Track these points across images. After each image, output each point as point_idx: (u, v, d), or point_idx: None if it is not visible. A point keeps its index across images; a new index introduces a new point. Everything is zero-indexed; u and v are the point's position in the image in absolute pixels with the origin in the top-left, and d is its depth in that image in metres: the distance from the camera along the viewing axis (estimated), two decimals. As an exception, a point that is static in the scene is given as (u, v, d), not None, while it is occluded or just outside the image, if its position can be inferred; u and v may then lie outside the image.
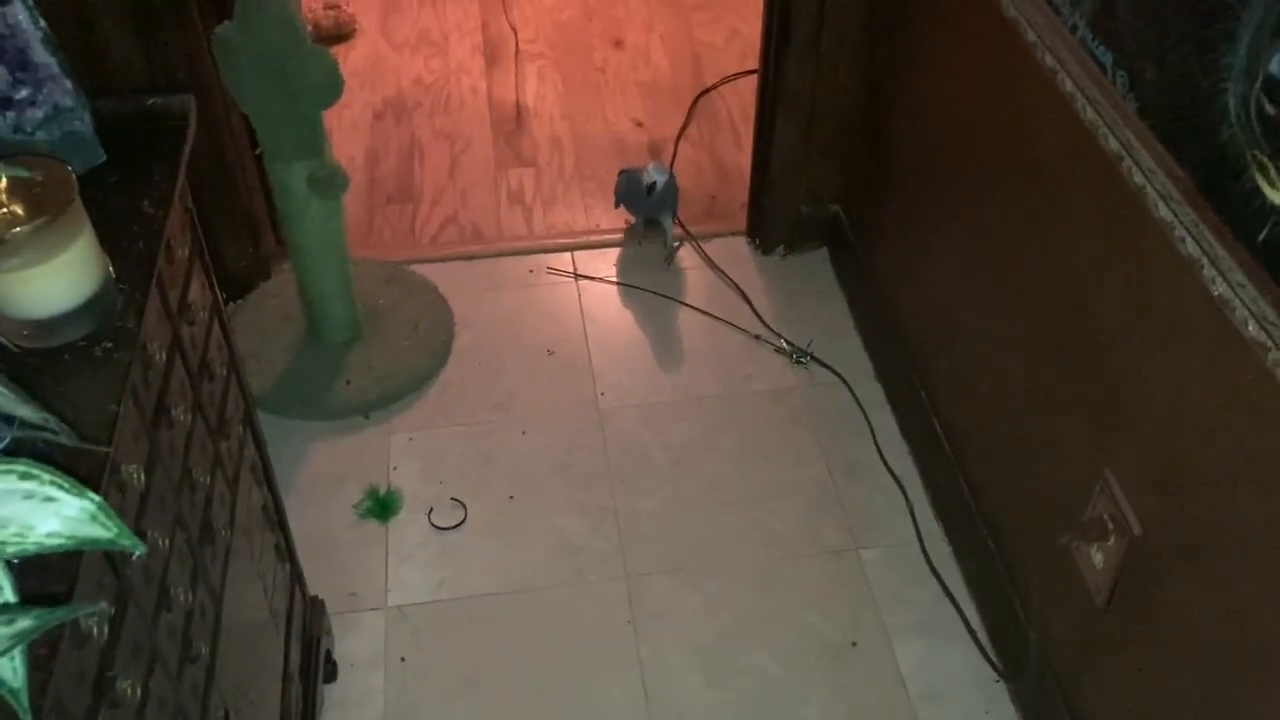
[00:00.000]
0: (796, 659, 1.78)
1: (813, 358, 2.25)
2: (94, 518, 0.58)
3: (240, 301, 2.31)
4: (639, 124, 2.87)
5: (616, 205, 2.53)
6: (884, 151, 2.16)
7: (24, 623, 0.55)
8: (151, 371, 1.05)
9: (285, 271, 2.32)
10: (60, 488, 0.58)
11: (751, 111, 2.42)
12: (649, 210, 2.44)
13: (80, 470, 0.64)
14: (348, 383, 2.17)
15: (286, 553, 1.56)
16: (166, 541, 1.04)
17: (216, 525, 1.21)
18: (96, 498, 0.59)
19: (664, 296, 2.39)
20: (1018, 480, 1.71)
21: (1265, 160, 1.02)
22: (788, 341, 2.28)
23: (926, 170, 1.97)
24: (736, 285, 2.41)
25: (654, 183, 2.35)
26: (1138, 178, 1.20)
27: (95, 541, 0.59)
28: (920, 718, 1.71)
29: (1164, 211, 1.17)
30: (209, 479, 1.20)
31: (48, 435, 0.71)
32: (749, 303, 2.37)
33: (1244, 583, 1.16)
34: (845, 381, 2.21)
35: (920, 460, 2.05)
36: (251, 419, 1.43)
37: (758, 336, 2.30)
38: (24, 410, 0.70)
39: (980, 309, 1.78)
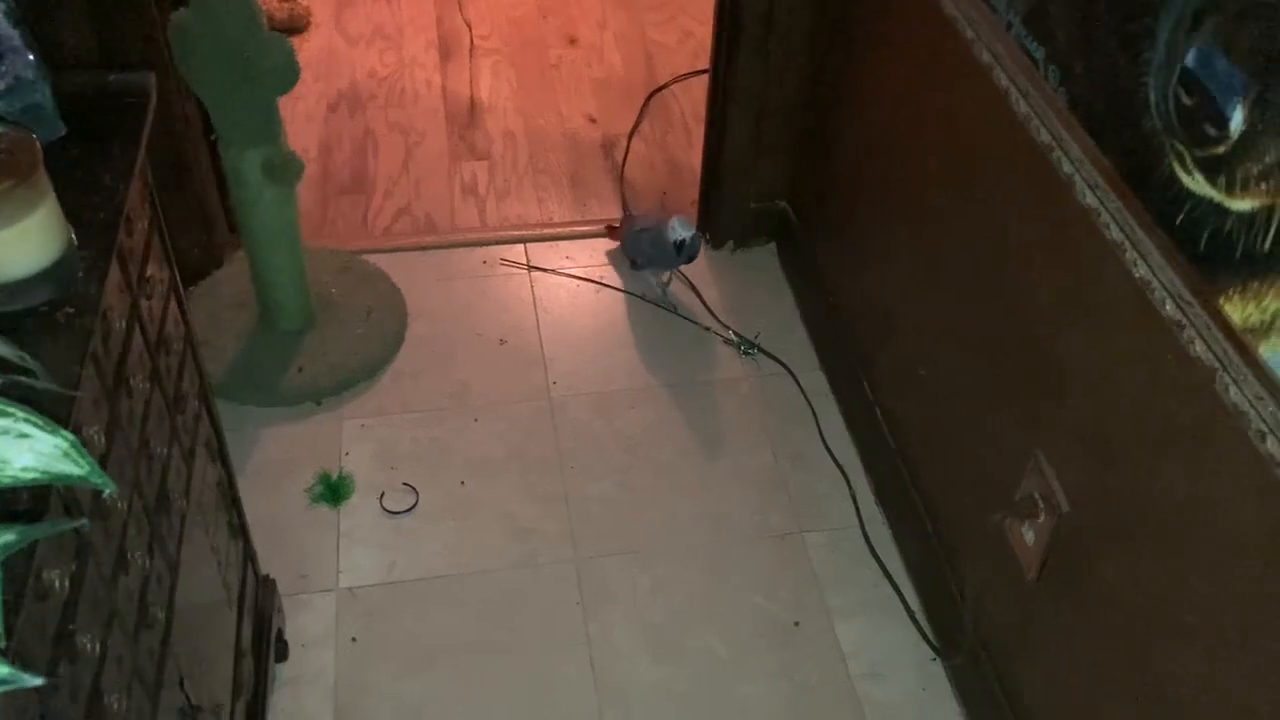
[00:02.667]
0: (741, 639, 1.83)
1: (760, 349, 2.30)
2: (66, 454, 0.61)
3: (193, 289, 2.31)
4: (592, 120, 2.91)
5: (636, 268, 2.41)
6: (830, 148, 2.22)
7: (7, 536, 0.57)
8: (111, 340, 1.07)
9: (238, 259, 2.33)
10: (34, 425, 0.61)
11: (703, 110, 2.46)
12: (669, 265, 2.35)
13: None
14: (300, 369, 2.18)
15: (239, 530, 1.58)
16: (124, 505, 1.05)
17: (173, 496, 1.23)
18: (70, 435, 0.62)
19: (616, 289, 2.43)
20: (954, 464, 1.77)
21: (1182, 149, 1.08)
22: (736, 333, 2.33)
23: (870, 166, 2.03)
24: (687, 278, 2.45)
25: (683, 239, 2.25)
26: (1067, 167, 1.27)
27: (68, 477, 0.61)
28: (860, 695, 1.76)
29: (1090, 199, 1.23)
30: (166, 450, 1.22)
31: (21, 376, 0.73)
32: (699, 295, 2.42)
33: (1166, 554, 1.22)
34: (791, 372, 2.27)
35: (862, 447, 2.10)
36: (207, 396, 1.45)
37: (707, 328, 2.35)
38: (1, 349, 0.72)
39: (919, 300, 1.84)
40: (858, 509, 2.02)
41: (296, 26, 3.13)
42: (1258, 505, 1.05)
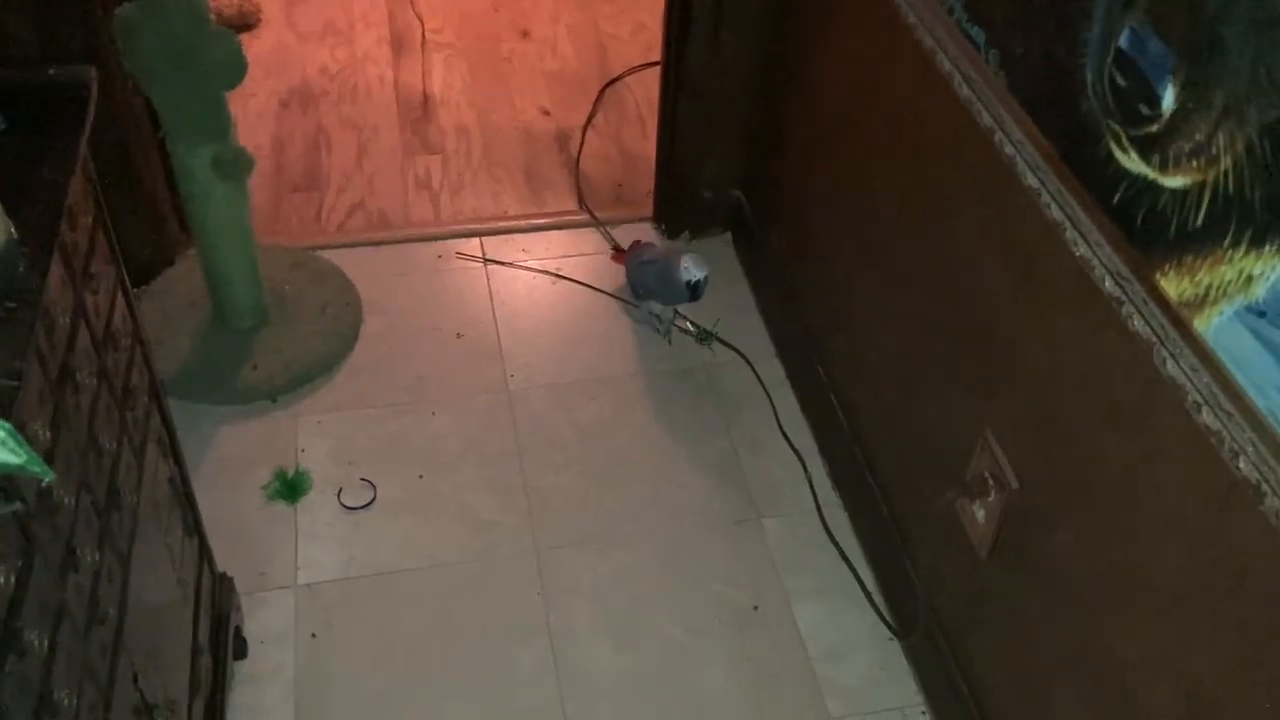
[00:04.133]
0: (702, 624, 1.84)
1: (717, 338, 2.31)
2: (3, 443, 0.61)
3: (144, 288, 2.29)
4: (546, 113, 2.91)
5: (639, 298, 2.32)
6: (781, 137, 2.23)
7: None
8: (55, 335, 1.06)
9: (190, 257, 2.31)
10: (-30, 414, 0.60)
11: (657, 102, 2.47)
12: (675, 301, 2.26)
13: (-12, 409, 0.66)
14: (255, 367, 2.17)
15: (194, 527, 1.57)
16: (72, 501, 1.05)
17: (123, 492, 1.22)
18: (6, 424, 0.61)
19: (573, 281, 2.43)
20: (907, 446, 1.79)
21: (1118, 128, 1.10)
22: (693, 323, 2.34)
23: (820, 153, 2.05)
24: (643, 269, 2.46)
25: (697, 280, 2.16)
26: (1009, 149, 1.29)
27: (5, 466, 0.61)
28: (819, 676, 1.78)
29: (1031, 180, 1.25)
30: (115, 445, 1.21)
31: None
32: (655, 286, 2.43)
33: (1110, 526, 1.25)
34: (748, 360, 2.28)
35: (818, 433, 2.12)
36: (157, 392, 1.44)
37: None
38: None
39: (870, 286, 1.86)
40: (814, 494, 2.04)
41: (247, 23, 3.10)
42: (1195, 475, 1.07)
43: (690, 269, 2.17)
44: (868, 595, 1.88)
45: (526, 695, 1.74)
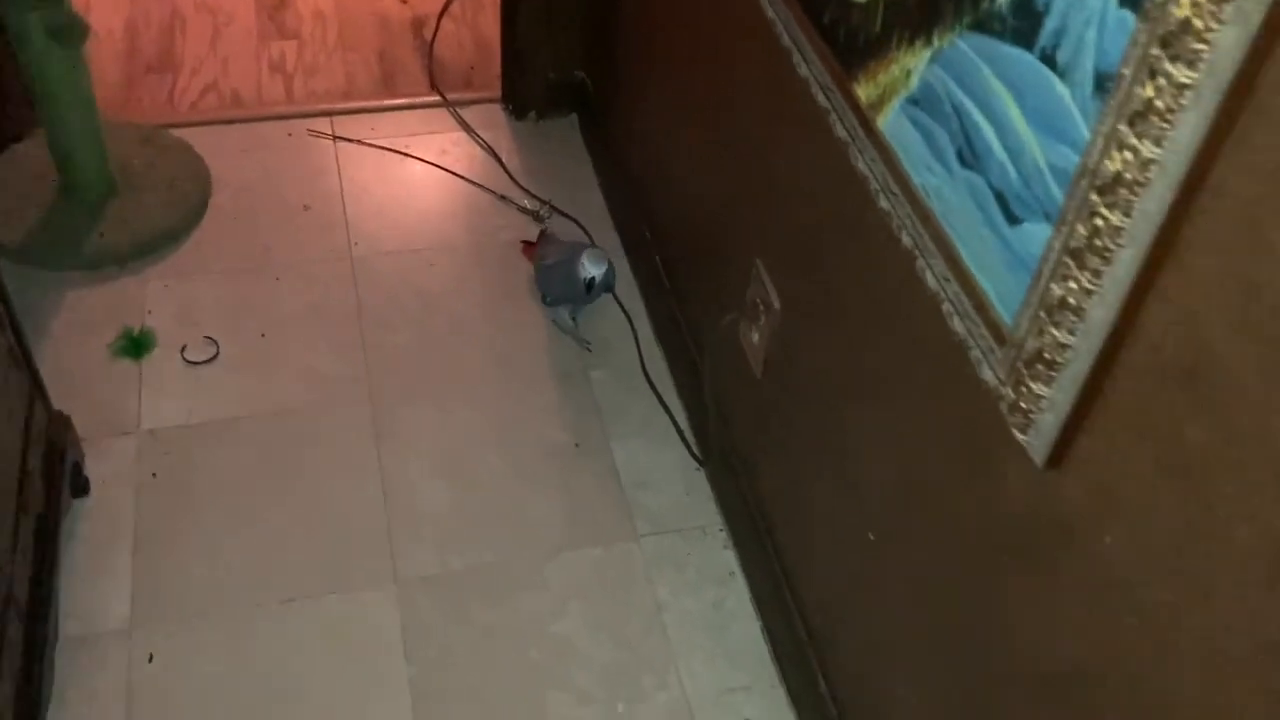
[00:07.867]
0: (526, 461, 1.98)
1: (554, 209, 2.42)
2: None
3: (-9, 161, 2.33)
4: (403, 0, 2.97)
5: (548, 303, 2.22)
6: (620, 20, 2.34)
7: None
8: None
9: (40, 135, 2.35)
10: None
11: (511, -12, 2.55)
12: (580, 302, 2.17)
13: None
14: (102, 235, 2.24)
15: (22, 358, 1.65)
16: None
17: (-70, 304, 1.31)
18: None
19: (420, 160, 2.53)
20: (708, 290, 1.93)
21: (820, -45, 1.23)
22: (534, 195, 2.45)
23: (650, 35, 2.16)
24: (489, 146, 2.56)
25: (592, 277, 2.03)
26: (753, -14, 1.41)
27: None
28: (631, 502, 1.93)
29: (770, 12, 1.38)
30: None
31: None
32: (500, 162, 2.53)
33: (843, 328, 1.40)
34: (585, 230, 2.40)
35: (644, 292, 2.26)
36: (-26, 226, 1.51)
37: (504, 197, 2.46)
38: None
39: (685, 147, 1.99)
40: (639, 346, 2.18)
41: (102, -89, 3.10)
42: (884, 261, 1.22)
43: (587, 265, 2.03)
44: (679, 432, 2.04)
45: (356, 526, 1.86)
